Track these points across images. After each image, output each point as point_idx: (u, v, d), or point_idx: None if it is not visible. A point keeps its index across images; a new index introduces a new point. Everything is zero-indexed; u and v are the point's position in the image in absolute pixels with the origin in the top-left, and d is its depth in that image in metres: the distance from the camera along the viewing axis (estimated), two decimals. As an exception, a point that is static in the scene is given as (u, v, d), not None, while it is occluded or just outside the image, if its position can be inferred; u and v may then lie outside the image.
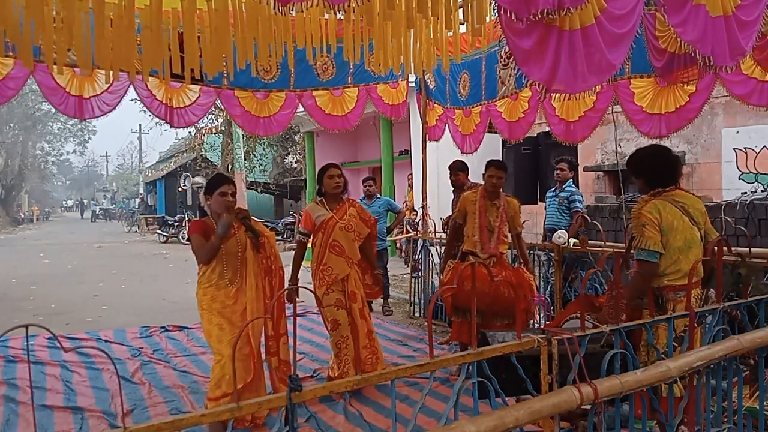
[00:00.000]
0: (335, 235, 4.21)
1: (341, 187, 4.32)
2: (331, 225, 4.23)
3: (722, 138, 8.29)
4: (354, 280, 4.28)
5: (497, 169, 4.45)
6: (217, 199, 3.46)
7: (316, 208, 4.33)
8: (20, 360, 5.18)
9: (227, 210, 3.42)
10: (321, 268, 4.24)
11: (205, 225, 3.51)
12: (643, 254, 2.90)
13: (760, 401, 2.51)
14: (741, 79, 4.17)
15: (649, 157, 3.10)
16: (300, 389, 1.47)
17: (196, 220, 3.69)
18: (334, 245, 4.22)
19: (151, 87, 5.15)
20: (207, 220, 3.56)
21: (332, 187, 4.30)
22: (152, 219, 27.63)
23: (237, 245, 3.52)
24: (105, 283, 10.69)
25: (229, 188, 3.49)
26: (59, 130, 38.69)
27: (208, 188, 3.53)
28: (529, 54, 2.71)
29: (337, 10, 2.59)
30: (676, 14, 2.81)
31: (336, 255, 4.22)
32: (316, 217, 4.28)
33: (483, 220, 4.46)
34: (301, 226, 4.38)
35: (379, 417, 3.78)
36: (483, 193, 4.53)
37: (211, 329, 3.46)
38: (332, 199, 4.34)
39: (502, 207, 4.51)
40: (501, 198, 4.53)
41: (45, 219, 45.95)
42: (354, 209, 4.36)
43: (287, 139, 21.35)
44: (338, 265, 4.22)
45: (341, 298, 4.23)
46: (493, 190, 4.49)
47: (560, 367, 1.79)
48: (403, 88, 6.07)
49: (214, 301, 3.48)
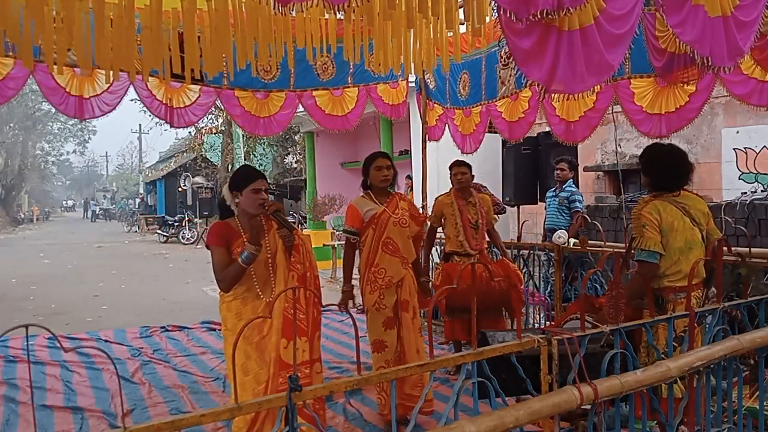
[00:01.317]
0: (389, 231, 3.68)
1: (390, 180, 3.78)
2: (383, 220, 3.70)
3: (722, 138, 8.29)
4: (408, 286, 3.71)
5: (458, 166, 4.69)
6: (250, 196, 2.90)
7: (363, 202, 3.78)
8: (20, 360, 5.18)
9: (261, 210, 2.91)
10: (372, 270, 3.68)
11: (229, 230, 2.95)
12: (643, 255, 2.90)
13: (760, 401, 2.51)
14: (741, 79, 4.17)
15: (661, 160, 3.09)
16: (300, 389, 1.47)
17: (219, 223, 3.03)
18: (387, 243, 3.68)
19: (151, 87, 5.15)
20: (231, 222, 2.98)
21: (380, 180, 3.75)
22: (152, 219, 27.66)
23: (266, 251, 2.96)
24: (105, 283, 10.69)
25: (263, 184, 2.96)
26: (59, 130, 38.74)
27: (236, 183, 2.97)
28: (529, 54, 2.71)
29: (337, 10, 2.58)
30: (674, 14, 2.81)
31: (390, 254, 3.67)
32: (365, 211, 3.73)
33: (465, 219, 4.60)
34: (347, 223, 3.79)
35: (379, 417, 3.78)
36: (456, 194, 4.70)
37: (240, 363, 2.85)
38: (380, 193, 3.80)
39: (478, 204, 4.69)
40: (474, 195, 4.72)
41: (45, 219, 45.95)
42: (405, 203, 3.84)
43: (287, 139, 21.36)
44: (393, 267, 3.67)
45: (392, 316, 3.66)
46: (460, 186, 4.68)
47: (560, 367, 1.79)
48: (403, 88, 6.07)
49: (240, 319, 2.90)
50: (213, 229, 3.00)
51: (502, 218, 7.33)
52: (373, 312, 3.65)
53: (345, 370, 4.84)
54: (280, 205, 3.03)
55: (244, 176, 2.97)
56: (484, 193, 5.11)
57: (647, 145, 3.24)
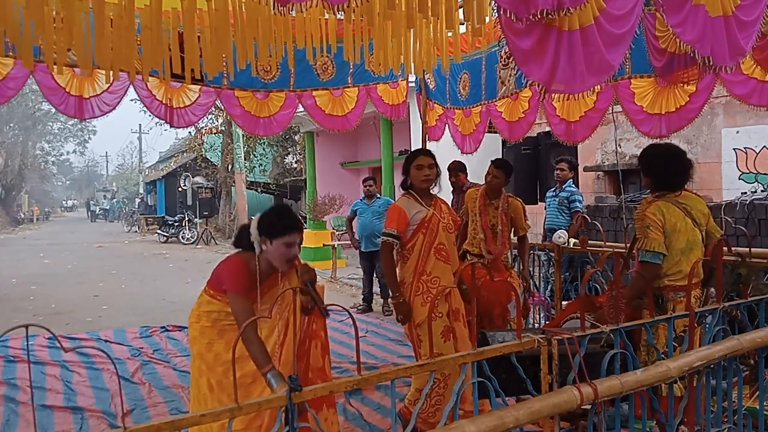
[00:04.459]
0: (440, 236, 3.41)
1: (433, 180, 3.48)
2: (434, 224, 3.44)
3: (722, 138, 8.29)
4: (456, 293, 3.45)
5: (495, 167, 4.37)
6: (281, 250, 2.54)
7: (410, 204, 3.46)
8: (20, 360, 5.18)
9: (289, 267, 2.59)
10: (423, 278, 3.38)
11: (249, 272, 2.60)
12: (647, 256, 2.91)
13: (760, 401, 2.51)
14: (741, 79, 4.16)
15: (662, 160, 3.09)
16: (300, 389, 1.47)
17: (238, 261, 2.64)
18: (440, 249, 3.41)
19: (151, 87, 5.15)
20: (250, 260, 2.62)
21: (421, 180, 3.44)
22: (152, 219, 27.68)
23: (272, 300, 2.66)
24: (105, 283, 10.69)
25: (298, 238, 2.59)
26: (59, 130, 38.75)
27: (269, 230, 2.57)
28: (529, 54, 2.71)
29: (337, 10, 2.58)
30: (675, 14, 2.81)
31: (443, 261, 3.41)
32: (413, 214, 3.42)
33: (485, 220, 4.39)
34: (390, 226, 3.43)
35: (378, 417, 3.78)
36: (483, 192, 4.46)
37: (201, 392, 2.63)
38: (424, 194, 3.50)
39: (502, 208, 4.41)
40: (502, 198, 4.44)
41: (45, 219, 45.94)
42: (445, 206, 3.59)
43: (287, 139, 21.36)
44: (446, 275, 3.41)
45: (449, 325, 3.40)
46: (489, 188, 4.42)
47: (560, 367, 1.79)
48: (403, 88, 6.07)
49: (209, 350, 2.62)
50: (234, 269, 2.59)
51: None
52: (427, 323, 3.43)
53: (345, 370, 4.84)
54: (314, 272, 2.58)
55: (280, 225, 2.57)
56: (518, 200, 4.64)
57: (645, 147, 3.24)
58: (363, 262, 7.41)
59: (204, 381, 2.68)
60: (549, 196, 6.44)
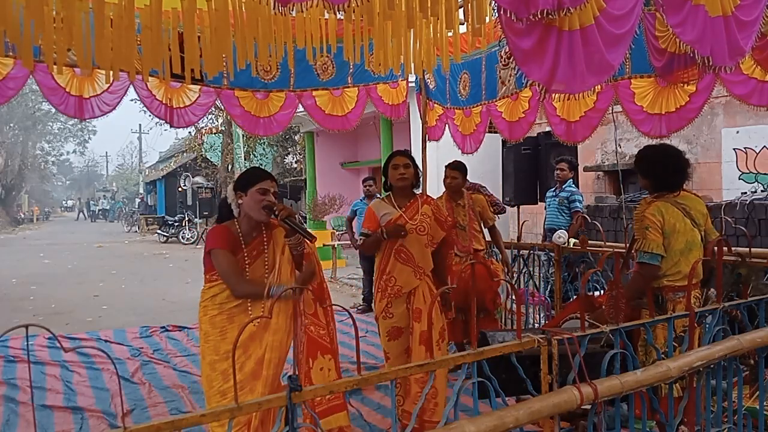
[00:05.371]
0: (403, 239, 3.49)
1: (408, 180, 3.55)
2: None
3: (722, 138, 8.29)
4: (423, 294, 3.47)
5: (451, 169, 4.79)
6: (255, 197, 2.62)
7: (381, 206, 3.61)
8: (20, 360, 5.18)
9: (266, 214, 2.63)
10: (384, 277, 3.51)
11: (230, 234, 2.66)
12: (646, 257, 2.91)
13: (760, 401, 2.51)
14: (741, 79, 4.16)
15: (660, 160, 3.09)
16: (300, 389, 1.47)
17: (219, 227, 2.73)
18: (400, 251, 3.47)
19: (151, 87, 5.14)
20: (231, 226, 2.69)
21: (396, 180, 3.53)
22: (152, 219, 27.68)
23: (263, 266, 2.67)
24: (105, 283, 10.69)
25: (272, 185, 2.69)
26: (59, 130, 38.77)
27: (242, 183, 2.70)
28: (529, 54, 2.70)
29: (337, 10, 2.58)
30: (674, 14, 2.81)
31: (402, 263, 3.47)
32: (381, 215, 3.55)
33: (453, 222, 4.60)
34: (364, 226, 3.64)
35: (379, 417, 3.78)
36: (447, 196, 4.81)
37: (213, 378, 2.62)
38: (401, 194, 3.58)
39: (468, 205, 4.75)
40: (465, 197, 4.79)
41: (45, 219, 45.96)
42: (428, 207, 3.58)
43: (287, 139, 21.35)
44: (403, 276, 3.46)
45: (399, 327, 3.49)
46: (450, 190, 4.78)
47: (560, 367, 1.79)
48: (403, 88, 6.07)
49: (224, 339, 2.59)
50: (214, 232, 2.68)
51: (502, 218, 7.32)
52: (381, 320, 3.52)
53: (345, 370, 4.83)
54: (293, 210, 2.70)
55: (251, 176, 2.71)
56: (480, 194, 5.13)
57: (641, 149, 3.23)
58: (363, 262, 7.42)
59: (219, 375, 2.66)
60: (549, 196, 6.44)
